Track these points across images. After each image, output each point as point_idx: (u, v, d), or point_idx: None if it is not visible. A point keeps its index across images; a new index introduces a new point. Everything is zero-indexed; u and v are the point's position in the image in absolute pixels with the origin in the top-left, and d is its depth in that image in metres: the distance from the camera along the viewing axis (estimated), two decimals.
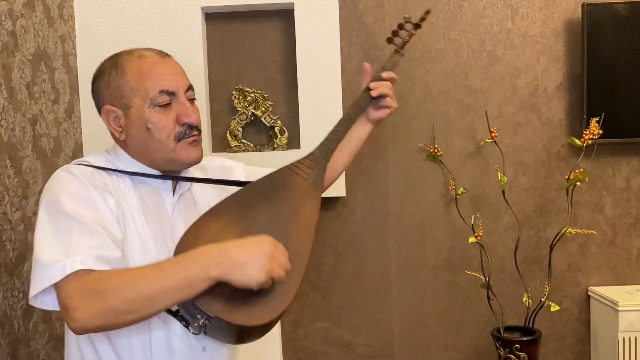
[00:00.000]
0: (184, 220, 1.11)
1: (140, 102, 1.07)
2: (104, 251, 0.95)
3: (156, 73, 1.08)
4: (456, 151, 2.07)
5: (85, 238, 0.95)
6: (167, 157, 1.09)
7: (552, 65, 2.06)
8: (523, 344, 1.82)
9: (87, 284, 0.90)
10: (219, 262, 0.90)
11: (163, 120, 1.07)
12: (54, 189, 1.02)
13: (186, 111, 1.08)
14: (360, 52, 2.06)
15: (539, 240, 2.08)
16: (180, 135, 1.08)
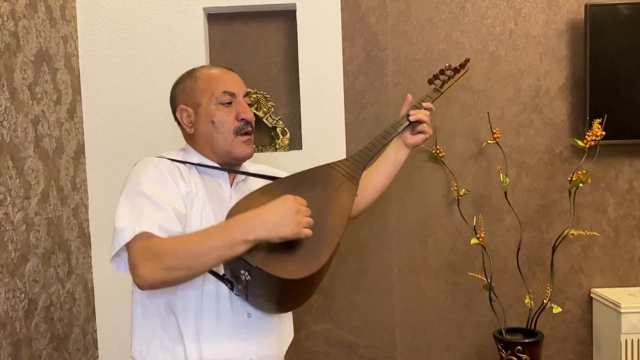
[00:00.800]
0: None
1: (207, 101, 1.29)
2: (167, 224, 1.12)
3: (221, 78, 1.31)
4: (458, 152, 2.07)
5: (154, 212, 1.13)
6: (226, 149, 1.29)
7: (555, 66, 2.05)
8: (525, 346, 1.81)
9: (149, 246, 1.08)
10: (254, 227, 1.04)
11: (225, 116, 1.28)
12: (135, 173, 1.22)
13: (243, 109, 1.30)
14: (362, 52, 2.05)
15: (542, 241, 2.07)
16: (238, 129, 1.28)
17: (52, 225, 1.69)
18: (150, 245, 1.08)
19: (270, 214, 1.06)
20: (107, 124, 1.96)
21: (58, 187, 1.74)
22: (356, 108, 2.06)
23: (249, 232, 1.04)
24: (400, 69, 2.06)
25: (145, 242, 1.08)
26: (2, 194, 1.42)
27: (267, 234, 1.05)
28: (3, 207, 1.42)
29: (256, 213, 1.07)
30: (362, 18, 2.05)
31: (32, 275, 1.56)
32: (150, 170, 1.21)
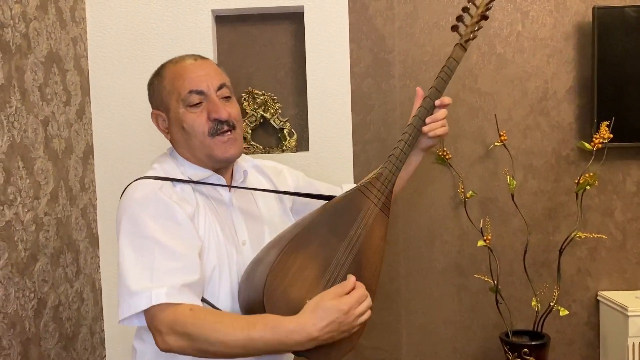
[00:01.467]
0: (242, 209, 1.25)
1: (175, 104, 1.18)
2: (186, 277, 1.05)
3: (187, 75, 1.17)
4: (465, 154, 2.07)
5: (167, 262, 1.04)
6: (205, 153, 1.18)
7: (562, 68, 2.05)
8: (531, 348, 1.81)
9: (178, 319, 1.01)
10: (303, 344, 0.99)
11: (195, 119, 1.16)
12: (132, 209, 1.09)
13: (214, 107, 1.16)
14: (370, 54, 2.06)
15: (548, 244, 2.07)
16: (213, 131, 1.16)
17: (61, 225, 1.70)
18: (179, 318, 1.00)
19: (321, 333, 0.98)
20: (115, 125, 1.97)
21: (67, 187, 1.75)
22: (363, 110, 2.06)
23: (296, 347, 1.00)
24: (407, 71, 2.06)
25: (173, 312, 1.01)
26: (12, 194, 1.43)
27: (320, 344, 1.00)
28: (13, 207, 1.43)
29: (304, 332, 0.98)
30: (369, 20, 2.06)
31: (42, 275, 1.57)
32: (149, 203, 1.09)
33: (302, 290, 1.06)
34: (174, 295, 1.02)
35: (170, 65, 1.22)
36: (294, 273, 1.06)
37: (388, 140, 2.06)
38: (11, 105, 1.44)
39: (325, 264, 1.10)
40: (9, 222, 1.40)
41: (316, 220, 1.14)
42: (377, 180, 1.23)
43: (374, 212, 1.20)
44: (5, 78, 1.41)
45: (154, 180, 1.15)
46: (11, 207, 1.42)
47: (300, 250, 1.09)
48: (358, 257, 1.14)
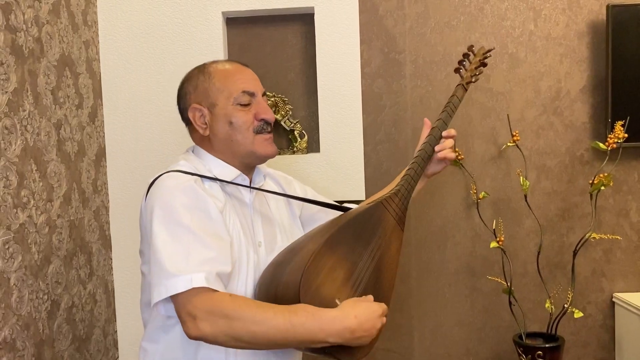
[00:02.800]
0: (259, 211, 1.29)
1: (224, 101, 1.23)
2: (222, 266, 1.07)
3: (239, 76, 1.25)
4: (477, 155, 2.06)
5: (202, 251, 1.06)
6: (247, 150, 1.24)
7: (576, 67, 2.03)
8: (545, 351, 1.79)
9: (216, 304, 1.02)
10: (340, 335, 1.02)
11: (244, 116, 1.23)
12: (165, 200, 1.11)
13: (263, 109, 1.25)
14: (380, 55, 2.05)
15: (562, 245, 2.05)
16: (259, 129, 1.24)
17: (73, 228, 1.71)
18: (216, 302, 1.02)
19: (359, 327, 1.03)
20: (127, 128, 1.98)
21: (80, 189, 1.77)
22: (374, 110, 2.06)
23: (333, 337, 1.02)
24: (418, 71, 2.05)
25: (210, 298, 1.02)
26: (26, 197, 1.44)
27: (349, 342, 1.04)
28: (27, 209, 1.44)
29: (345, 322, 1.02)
30: (380, 20, 2.05)
31: (55, 277, 1.58)
32: (183, 193, 1.12)
33: (332, 289, 1.10)
34: (211, 282, 1.03)
35: (218, 66, 1.28)
36: (325, 273, 1.10)
37: (399, 141, 2.05)
38: (24, 109, 1.45)
39: (352, 268, 1.15)
40: (22, 225, 1.42)
41: (343, 227, 1.18)
42: (395, 195, 1.29)
43: (392, 224, 1.25)
44: (18, 82, 1.42)
45: (184, 173, 1.18)
46: (25, 209, 1.43)
47: (332, 252, 1.13)
48: (378, 265, 1.19)
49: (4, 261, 1.33)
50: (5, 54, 1.37)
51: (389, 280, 1.21)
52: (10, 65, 1.39)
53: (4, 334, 1.32)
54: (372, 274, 1.17)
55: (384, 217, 1.24)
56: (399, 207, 1.29)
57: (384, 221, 1.24)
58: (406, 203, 1.31)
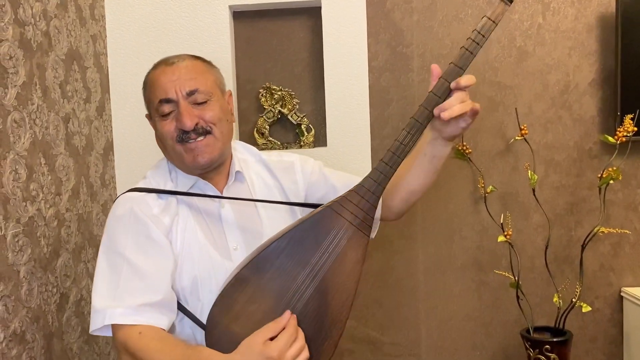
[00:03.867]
0: (235, 214, 1.22)
1: (153, 113, 1.20)
2: (148, 296, 1.07)
3: (158, 84, 1.17)
4: (485, 149, 2.05)
5: (132, 281, 1.08)
6: (178, 159, 1.19)
7: (585, 61, 2.01)
8: (553, 345, 1.79)
9: (127, 341, 1.05)
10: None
11: (165, 126, 1.17)
12: (111, 226, 1.14)
13: (179, 116, 1.14)
14: (388, 49, 2.04)
15: (570, 239, 2.04)
16: (179, 138, 1.15)
17: (82, 221, 1.72)
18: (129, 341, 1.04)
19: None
20: (135, 122, 1.99)
21: (88, 183, 1.77)
22: (381, 104, 2.05)
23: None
24: (426, 65, 2.04)
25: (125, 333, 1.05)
26: (35, 190, 1.45)
27: None
28: (36, 203, 1.45)
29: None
30: (387, 14, 2.04)
31: (64, 270, 1.59)
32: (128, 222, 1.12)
33: (247, 325, 1.00)
34: (127, 316, 1.05)
35: (151, 72, 1.22)
36: (240, 306, 1.01)
37: None
38: (33, 102, 1.46)
39: (280, 295, 1.02)
40: (31, 218, 1.42)
41: (275, 245, 1.04)
42: (355, 194, 1.07)
43: (349, 232, 1.04)
44: (27, 75, 1.43)
45: (138, 192, 1.18)
46: (34, 203, 1.44)
47: (251, 281, 1.01)
48: (323, 285, 1.02)
49: (13, 254, 1.34)
50: (14, 48, 1.37)
51: (342, 300, 1.03)
52: (19, 58, 1.39)
53: (14, 326, 1.33)
54: (312, 298, 1.01)
55: (333, 225, 1.04)
56: (360, 207, 1.06)
57: (333, 230, 1.04)
58: (374, 200, 1.06)
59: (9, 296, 1.31)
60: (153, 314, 1.07)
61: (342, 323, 1.04)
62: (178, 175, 1.22)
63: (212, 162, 1.18)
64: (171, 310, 1.12)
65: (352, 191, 1.08)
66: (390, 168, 1.07)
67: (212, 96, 1.18)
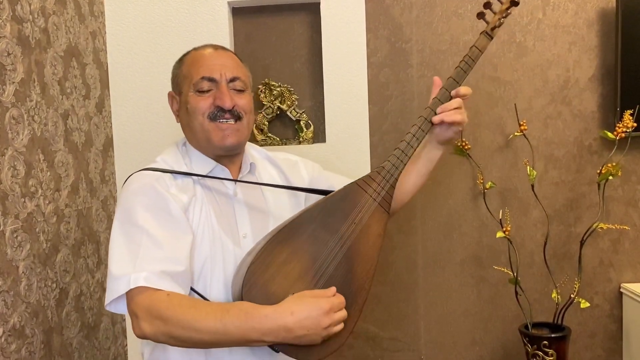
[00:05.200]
0: (246, 202, 1.24)
1: (187, 88, 1.21)
2: (169, 265, 1.05)
3: (204, 62, 1.21)
4: (484, 144, 2.05)
5: (152, 250, 1.05)
6: (204, 137, 1.20)
7: (585, 56, 2.01)
8: (552, 341, 1.79)
9: (154, 303, 1.00)
10: (276, 334, 0.97)
11: (200, 102, 1.19)
12: (127, 199, 1.13)
13: (220, 95, 1.18)
14: (387, 44, 2.04)
15: (569, 235, 2.04)
16: (213, 115, 1.18)
17: (81, 217, 1.73)
18: (154, 302, 1.00)
19: (296, 325, 0.96)
20: (134, 118, 1.99)
21: (87, 179, 1.78)
22: (380, 100, 2.05)
23: (270, 338, 0.97)
24: (425, 61, 2.04)
25: (147, 296, 1.01)
26: (34, 186, 1.46)
27: (291, 341, 0.98)
28: (35, 199, 1.46)
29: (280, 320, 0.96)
30: (386, 9, 2.04)
31: (63, 266, 1.60)
32: (145, 193, 1.12)
33: (283, 284, 1.04)
34: (152, 280, 1.02)
35: (192, 52, 1.26)
36: (276, 267, 1.04)
37: (406, 131, 2.04)
38: (31, 99, 1.46)
39: (313, 258, 1.08)
40: (30, 214, 1.43)
41: (307, 214, 1.12)
42: (377, 174, 1.20)
43: (372, 207, 1.16)
44: (25, 72, 1.43)
45: (153, 172, 1.17)
46: (32, 199, 1.45)
47: (286, 244, 1.07)
48: (350, 253, 1.11)
49: (12, 249, 1.35)
50: (12, 45, 1.38)
51: (366, 269, 1.13)
52: (17, 55, 1.40)
53: (13, 320, 1.34)
54: (340, 263, 1.09)
55: (359, 200, 1.15)
56: (382, 186, 1.18)
57: (359, 204, 1.15)
58: (393, 181, 1.20)
59: (8, 291, 1.32)
60: (173, 284, 1.04)
61: (365, 291, 1.12)
62: (192, 159, 1.24)
63: (238, 146, 1.23)
64: (188, 285, 1.10)
65: (375, 172, 1.21)
66: (406, 155, 1.23)
67: (247, 88, 1.25)
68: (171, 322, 0.99)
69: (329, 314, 0.99)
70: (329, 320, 0.99)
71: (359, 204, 1.15)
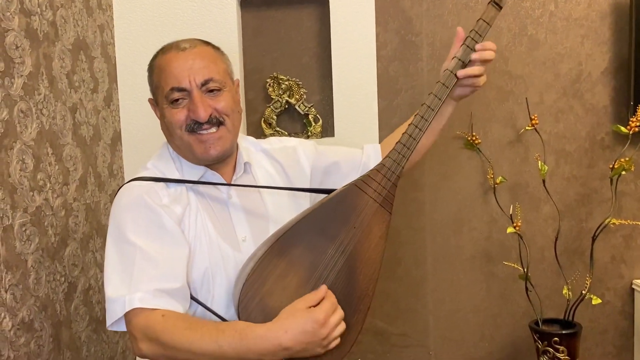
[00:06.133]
0: (242, 205, 1.20)
1: (161, 99, 1.16)
2: (165, 283, 1.03)
3: (170, 70, 1.13)
4: (495, 139, 2.02)
5: (147, 268, 1.03)
6: (187, 149, 1.16)
7: (597, 49, 1.98)
8: (562, 337, 1.77)
9: (150, 325, 0.99)
10: (275, 355, 0.95)
11: (175, 115, 1.13)
12: (119, 215, 1.09)
13: (192, 106, 1.11)
14: (396, 38, 2.02)
15: (581, 231, 2.01)
16: (190, 128, 1.12)
17: (90, 211, 1.73)
18: (151, 324, 0.99)
19: (293, 342, 0.94)
20: (142, 112, 1.98)
21: (95, 173, 1.78)
22: (390, 94, 2.03)
23: (266, 356, 0.95)
24: (435, 54, 2.02)
25: (145, 318, 1.00)
26: (42, 180, 1.46)
27: (294, 357, 0.96)
28: (43, 192, 1.46)
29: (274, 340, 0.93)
30: (396, 2, 2.01)
31: (72, 259, 1.60)
32: (137, 210, 1.08)
33: (281, 298, 1.01)
34: (147, 300, 1.01)
35: (159, 56, 1.18)
36: (273, 281, 1.02)
37: None
38: (39, 92, 1.46)
39: (311, 268, 1.04)
40: (39, 208, 1.43)
41: (304, 222, 1.07)
42: (377, 172, 1.13)
43: (372, 209, 1.10)
44: (33, 66, 1.43)
45: (145, 182, 1.14)
46: (41, 192, 1.45)
47: (282, 256, 1.03)
48: (351, 260, 1.07)
49: (21, 243, 1.34)
50: (20, 38, 1.37)
51: (369, 274, 1.08)
52: (25, 48, 1.40)
53: (22, 314, 1.34)
54: (341, 272, 1.05)
55: (358, 203, 1.09)
56: (383, 185, 1.12)
57: (358, 207, 1.09)
58: (394, 179, 1.13)
59: (17, 285, 1.32)
60: (170, 301, 1.03)
61: (369, 297, 1.07)
62: (183, 165, 1.20)
63: (224, 154, 1.17)
64: (186, 299, 1.09)
65: (374, 170, 1.13)
66: (408, 150, 1.15)
67: (225, 85, 1.17)
68: (168, 346, 0.98)
69: (325, 323, 0.96)
70: (326, 330, 0.96)
71: (358, 206, 1.09)
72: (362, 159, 1.39)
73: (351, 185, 1.11)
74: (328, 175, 1.35)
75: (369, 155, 1.40)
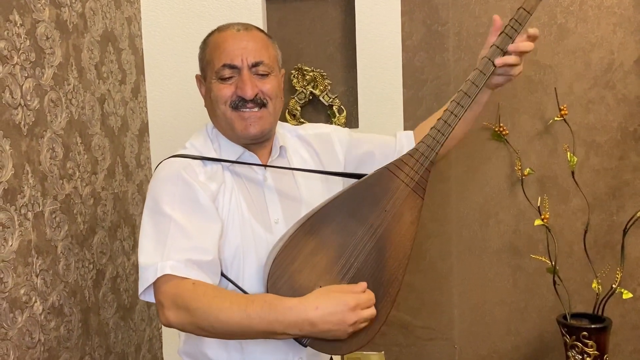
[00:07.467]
0: (276, 187, 1.22)
1: (210, 74, 1.20)
2: (197, 255, 1.05)
3: (224, 47, 1.16)
4: (523, 130, 1.99)
5: (180, 239, 1.05)
6: (228, 125, 1.18)
7: (630, 38, 1.92)
8: (591, 332, 1.73)
9: (179, 293, 1.00)
10: (301, 328, 0.95)
11: (222, 90, 1.16)
12: (156, 188, 1.13)
13: (240, 84, 1.15)
14: (423, 27, 2.00)
15: (612, 224, 1.97)
16: (235, 104, 1.15)
17: (117, 200, 1.76)
18: (180, 291, 1.00)
19: (320, 320, 0.94)
20: (169, 103, 2.01)
21: (123, 163, 1.81)
22: (415, 85, 2.01)
23: (295, 331, 0.96)
24: (461, 44, 1.99)
25: (174, 286, 1.01)
26: (71, 168, 1.49)
27: (315, 335, 0.97)
28: (72, 181, 1.49)
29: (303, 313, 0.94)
30: None
31: (100, 247, 1.63)
32: (173, 183, 1.11)
33: (311, 276, 1.03)
34: (178, 269, 1.02)
35: (215, 34, 1.22)
36: (303, 259, 1.03)
37: None
38: (69, 82, 1.49)
39: (341, 249, 1.05)
40: (68, 196, 1.46)
41: (335, 203, 1.08)
42: (410, 157, 1.14)
43: (404, 193, 1.10)
44: (63, 56, 1.46)
45: (182, 158, 1.16)
46: (70, 181, 1.48)
47: (313, 235, 1.04)
48: (381, 243, 1.07)
49: (51, 230, 1.38)
50: (50, 29, 1.40)
51: (398, 259, 1.09)
52: (55, 39, 1.42)
53: (52, 299, 1.37)
54: (371, 253, 1.05)
55: (390, 186, 1.10)
56: (415, 170, 1.12)
57: (390, 190, 1.09)
58: (428, 164, 1.13)
59: (47, 270, 1.35)
60: (200, 273, 1.04)
61: (398, 282, 1.08)
62: (221, 144, 1.22)
63: (263, 134, 1.20)
64: (216, 274, 1.10)
65: (407, 155, 1.14)
66: (443, 136, 1.15)
67: (273, 71, 1.21)
68: (196, 313, 0.99)
69: (355, 310, 0.97)
70: (355, 317, 0.97)
71: (389, 190, 1.10)
72: (396, 147, 1.41)
73: (383, 169, 1.12)
74: (362, 164, 1.37)
75: (402, 144, 1.42)
